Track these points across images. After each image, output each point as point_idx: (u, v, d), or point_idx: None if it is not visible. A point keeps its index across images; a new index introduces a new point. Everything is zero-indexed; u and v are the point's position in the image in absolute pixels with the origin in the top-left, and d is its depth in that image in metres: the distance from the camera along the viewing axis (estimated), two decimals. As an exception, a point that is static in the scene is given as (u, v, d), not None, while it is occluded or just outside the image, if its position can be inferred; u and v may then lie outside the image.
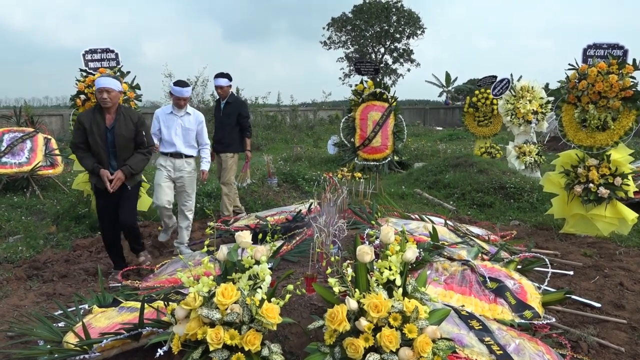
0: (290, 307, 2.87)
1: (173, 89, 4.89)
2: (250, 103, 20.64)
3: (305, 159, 12.11)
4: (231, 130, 6.23)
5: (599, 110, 5.45)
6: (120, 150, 4.22)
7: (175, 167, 4.97)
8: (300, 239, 4.39)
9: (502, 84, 10.15)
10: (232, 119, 6.20)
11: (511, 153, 9.72)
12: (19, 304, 3.91)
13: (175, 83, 4.92)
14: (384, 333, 2.20)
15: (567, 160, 5.85)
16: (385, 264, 2.49)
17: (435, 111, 29.34)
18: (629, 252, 4.95)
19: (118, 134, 4.18)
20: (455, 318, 2.80)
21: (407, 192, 7.98)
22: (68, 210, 6.54)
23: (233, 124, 6.22)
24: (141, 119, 4.34)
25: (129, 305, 3.22)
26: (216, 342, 2.23)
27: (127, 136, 4.21)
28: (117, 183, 4.18)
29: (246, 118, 6.30)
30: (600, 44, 5.54)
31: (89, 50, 6.18)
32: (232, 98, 6.28)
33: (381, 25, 35.83)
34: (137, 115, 4.32)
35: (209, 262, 2.61)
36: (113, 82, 4.22)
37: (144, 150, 4.34)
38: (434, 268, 3.58)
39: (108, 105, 4.17)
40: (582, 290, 3.95)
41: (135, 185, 4.44)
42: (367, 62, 11.86)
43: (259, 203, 7.02)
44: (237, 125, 6.25)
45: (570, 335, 3.12)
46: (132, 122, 4.24)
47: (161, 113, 5.00)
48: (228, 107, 6.19)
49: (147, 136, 4.36)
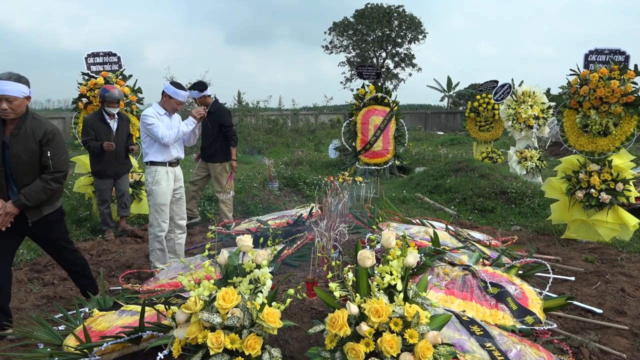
0: (291, 312, 2.87)
1: (177, 93, 4.43)
2: (251, 107, 20.70)
3: (306, 163, 12.13)
4: (214, 140, 6.12)
5: (600, 116, 5.45)
6: (20, 174, 3.26)
7: (177, 176, 4.59)
8: (301, 243, 4.39)
9: (504, 89, 10.16)
10: (215, 128, 6.06)
11: (512, 158, 9.72)
12: (20, 307, 3.91)
13: (176, 85, 4.48)
14: (384, 338, 2.19)
15: (569, 165, 5.84)
16: (387, 269, 2.48)
17: (436, 116, 29.38)
18: (631, 258, 4.94)
19: (14, 154, 3.22)
20: (456, 323, 2.80)
21: (408, 196, 7.97)
22: (69, 213, 6.55)
23: (216, 133, 6.09)
24: (50, 134, 3.30)
25: (130, 309, 3.22)
26: (217, 346, 2.22)
27: (25, 158, 3.24)
28: (5, 219, 3.22)
29: (229, 127, 6.11)
30: (602, 49, 5.55)
31: (92, 53, 6.21)
32: (215, 107, 6.11)
33: (383, 29, 35.94)
34: (44, 130, 3.28)
35: (209, 266, 2.61)
36: (15, 87, 3.18)
37: (49, 176, 3.30)
38: (435, 273, 3.57)
39: (10, 117, 3.19)
40: (584, 296, 3.94)
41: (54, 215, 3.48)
42: (369, 66, 11.90)
43: (260, 207, 7.02)
44: (220, 134, 6.11)
45: (571, 341, 3.11)
46: (35, 139, 3.24)
47: (156, 115, 4.40)
48: (210, 117, 5.94)
49: (54, 158, 3.32)
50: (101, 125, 5.72)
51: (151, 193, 4.43)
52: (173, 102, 4.47)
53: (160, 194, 4.41)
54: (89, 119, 5.73)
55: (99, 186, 5.89)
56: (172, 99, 4.45)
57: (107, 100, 5.64)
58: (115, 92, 5.67)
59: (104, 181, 5.87)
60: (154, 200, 4.42)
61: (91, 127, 5.66)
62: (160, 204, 4.42)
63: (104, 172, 5.81)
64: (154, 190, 4.41)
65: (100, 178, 5.85)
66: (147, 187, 4.49)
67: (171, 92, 4.43)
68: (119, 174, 5.96)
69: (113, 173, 5.88)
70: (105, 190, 5.90)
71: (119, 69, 6.33)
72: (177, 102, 4.49)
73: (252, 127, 18.49)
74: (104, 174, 5.83)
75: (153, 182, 4.40)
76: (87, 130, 5.67)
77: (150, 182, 4.42)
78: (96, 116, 5.76)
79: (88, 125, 5.67)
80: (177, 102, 4.49)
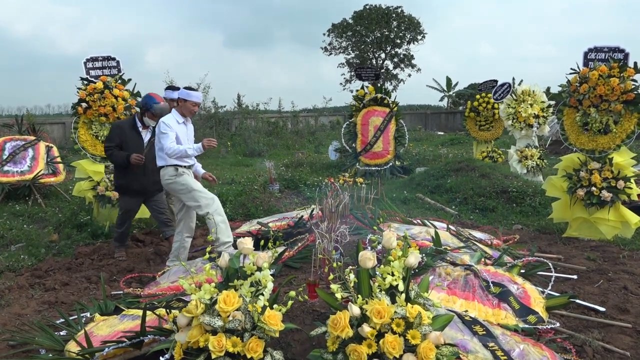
0: (292, 314, 2.86)
1: (190, 94, 4.46)
2: (251, 109, 20.71)
3: (306, 165, 12.12)
4: None
5: (600, 114, 5.44)
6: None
7: None
8: (302, 245, 4.39)
9: (503, 88, 10.16)
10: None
11: (513, 157, 9.71)
12: (21, 313, 3.90)
13: (189, 88, 4.52)
14: (387, 339, 2.18)
15: (569, 164, 5.83)
16: (388, 270, 2.48)
17: (436, 116, 29.38)
18: (633, 256, 4.92)
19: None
20: (458, 323, 2.79)
21: (409, 197, 7.96)
22: (70, 218, 6.54)
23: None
24: None
25: (131, 313, 3.21)
26: (218, 350, 2.22)
27: None
28: None
29: None
30: (601, 47, 5.54)
31: (91, 58, 6.21)
32: None
33: (381, 30, 35.95)
34: None
35: (210, 269, 2.60)
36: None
37: None
38: (436, 273, 3.57)
39: None
40: (586, 295, 3.92)
41: None
42: (367, 68, 11.91)
43: (260, 209, 7.01)
44: None
45: (574, 340, 3.10)
46: None
47: (174, 123, 4.43)
48: None
49: None
50: (132, 134, 5.06)
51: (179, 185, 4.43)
52: (189, 105, 4.49)
53: (189, 180, 4.45)
54: (119, 124, 5.16)
55: (122, 205, 5.23)
56: (187, 101, 4.48)
57: (154, 112, 4.94)
58: (162, 105, 4.99)
59: (128, 199, 5.16)
60: (187, 188, 4.42)
61: (119, 134, 5.02)
62: (196, 189, 4.43)
63: (129, 187, 5.09)
64: (181, 181, 4.42)
65: (124, 194, 5.17)
66: (171, 185, 4.47)
67: (184, 95, 4.48)
68: (148, 191, 5.17)
69: (140, 190, 5.12)
70: (129, 211, 5.23)
71: (118, 74, 6.33)
72: (193, 104, 4.51)
73: (252, 130, 18.49)
74: (128, 190, 5.11)
75: (177, 174, 4.43)
76: (113, 136, 5.02)
77: (173, 176, 4.43)
78: (128, 123, 5.15)
79: (116, 131, 5.05)
80: (193, 104, 4.51)
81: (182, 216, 4.67)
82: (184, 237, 4.70)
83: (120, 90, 6.16)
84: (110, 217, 6.29)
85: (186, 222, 4.68)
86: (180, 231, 4.69)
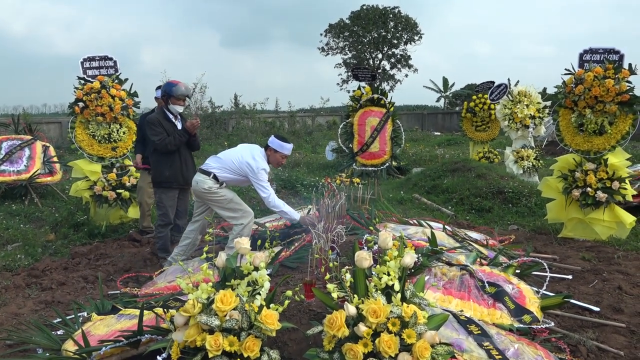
0: (289, 314, 2.87)
1: (283, 146, 4.36)
2: (248, 109, 20.69)
3: (303, 165, 12.13)
4: None
5: (595, 115, 5.47)
6: None
7: None
8: (299, 245, 4.40)
9: (500, 89, 10.21)
10: None
11: (509, 158, 9.75)
12: (18, 312, 3.90)
13: (282, 139, 4.40)
14: (382, 338, 2.20)
15: (565, 164, 5.87)
16: (384, 270, 2.49)
17: (433, 116, 29.40)
18: (627, 256, 4.96)
19: None
20: (454, 323, 2.81)
21: (406, 197, 7.98)
22: (66, 217, 6.54)
23: None
24: None
25: (128, 313, 3.22)
26: (215, 349, 2.23)
27: None
28: None
29: None
30: (597, 48, 5.58)
31: (88, 57, 6.20)
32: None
33: (378, 31, 36.00)
34: None
35: (207, 269, 2.61)
36: None
37: None
38: (432, 273, 3.58)
39: None
40: (581, 294, 3.95)
41: None
42: (364, 68, 11.94)
43: (257, 209, 7.02)
44: None
45: (569, 339, 3.12)
46: None
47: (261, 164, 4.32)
48: None
49: None
50: (167, 124, 4.81)
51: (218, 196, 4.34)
52: (279, 157, 4.39)
53: (227, 192, 4.41)
54: (153, 118, 4.85)
55: (165, 202, 4.89)
56: (277, 152, 4.36)
57: (174, 95, 4.75)
58: (182, 87, 4.82)
59: (172, 194, 4.90)
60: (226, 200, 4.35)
61: (159, 124, 4.75)
62: (235, 200, 4.40)
63: (175, 179, 4.84)
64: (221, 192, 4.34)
65: (168, 188, 4.87)
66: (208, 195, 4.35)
67: (277, 146, 4.34)
68: (188, 184, 4.83)
69: (183, 182, 4.89)
70: (172, 207, 4.94)
71: (115, 73, 6.33)
72: (283, 156, 4.41)
73: (249, 130, 18.47)
74: (174, 182, 4.85)
75: (219, 185, 4.35)
76: (155, 129, 4.73)
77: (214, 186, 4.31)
78: (160, 115, 4.88)
79: (154, 123, 4.75)
80: (283, 156, 4.41)
81: (201, 217, 4.61)
82: (197, 236, 4.67)
83: (117, 90, 6.17)
84: (107, 217, 6.29)
85: (203, 223, 4.65)
86: (194, 229, 4.63)
